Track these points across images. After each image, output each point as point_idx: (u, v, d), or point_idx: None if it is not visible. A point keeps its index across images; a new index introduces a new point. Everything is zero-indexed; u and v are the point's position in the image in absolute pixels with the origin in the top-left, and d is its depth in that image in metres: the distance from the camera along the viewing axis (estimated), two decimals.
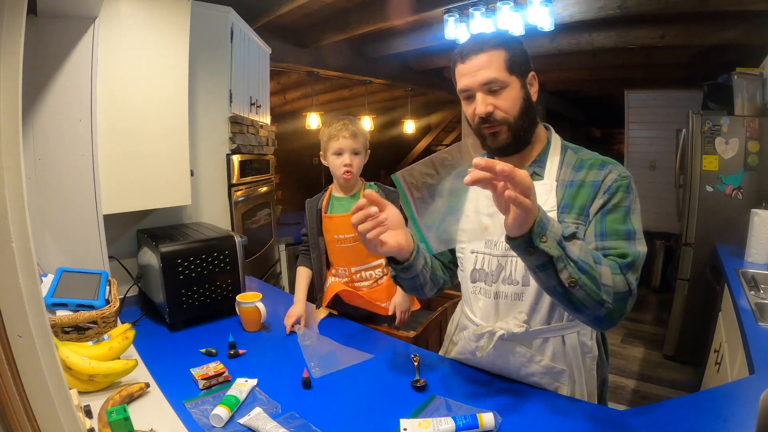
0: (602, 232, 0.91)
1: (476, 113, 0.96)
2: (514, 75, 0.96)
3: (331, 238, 1.60)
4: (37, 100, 1.42)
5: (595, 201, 0.94)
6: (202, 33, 1.98)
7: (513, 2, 2.42)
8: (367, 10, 2.91)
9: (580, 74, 4.42)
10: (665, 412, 0.93)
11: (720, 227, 2.68)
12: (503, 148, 0.99)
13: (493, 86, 0.94)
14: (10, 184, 0.54)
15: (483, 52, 0.95)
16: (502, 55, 0.95)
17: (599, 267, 0.81)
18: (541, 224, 0.75)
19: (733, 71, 2.66)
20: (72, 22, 1.43)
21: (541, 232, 0.75)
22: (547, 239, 0.75)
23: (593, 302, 0.80)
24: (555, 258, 0.76)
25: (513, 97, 0.96)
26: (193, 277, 1.49)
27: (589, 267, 0.79)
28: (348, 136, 1.53)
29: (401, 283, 1.07)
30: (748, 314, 1.52)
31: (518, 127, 0.97)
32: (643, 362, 2.98)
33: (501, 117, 0.96)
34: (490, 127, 0.97)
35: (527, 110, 0.98)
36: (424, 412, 0.96)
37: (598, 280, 0.80)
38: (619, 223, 0.91)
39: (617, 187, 0.93)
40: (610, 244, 0.90)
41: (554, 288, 0.80)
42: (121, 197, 1.61)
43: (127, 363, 1.09)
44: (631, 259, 0.86)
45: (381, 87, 4.98)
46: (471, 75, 0.95)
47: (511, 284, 1.01)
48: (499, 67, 0.94)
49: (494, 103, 0.95)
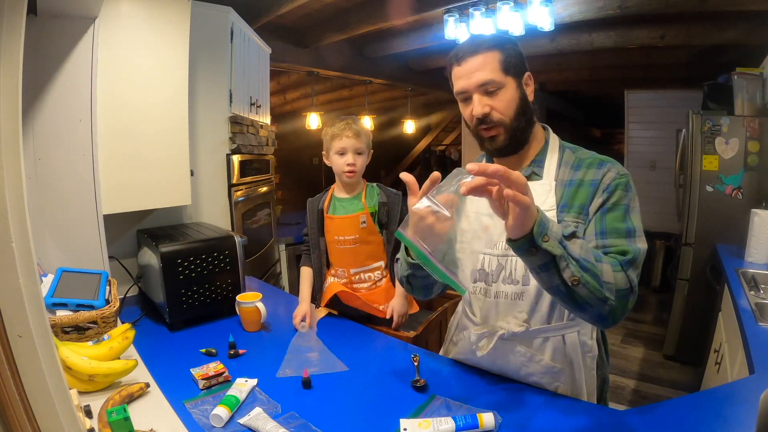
0: (602, 230, 0.92)
1: (473, 114, 0.97)
2: (510, 76, 0.96)
3: (331, 239, 1.60)
4: (37, 100, 1.42)
5: (594, 199, 0.94)
6: (202, 33, 1.97)
7: (513, 2, 2.42)
8: (367, 10, 2.91)
9: (580, 74, 4.42)
10: (665, 412, 0.93)
11: (720, 227, 2.68)
12: (501, 149, 1.00)
13: (489, 87, 0.95)
14: (10, 184, 0.54)
15: (478, 54, 0.95)
16: (497, 56, 0.95)
17: (600, 265, 0.81)
18: (541, 224, 0.75)
19: (733, 71, 2.66)
20: (72, 22, 1.43)
21: (542, 231, 0.75)
22: (549, 238, 0.75)
23: (596, 300, 0.80)
24: (557, 257, 0.76)
25: (509, 98, 0.96)
26: (193, 277, 1.49)
27: (590, 265, 0.79)
28: (351, 135, 1.53)
29: (413, 282, 1.04)
30: (748, 314, 1.52)
31: (515, 128, 0.98)
32: (643, 362, 2.98)
33: (498, 118, 0.96)
34: (488, 128, 0.98)
35: (524, 110, 0.98)
36: (424, 412, 0.96)
37: (600, 277, 0.80)
38: (618, 221, 0.91)
39: (616, 185, 0.93)
40: (610, 242, 0.90)
41: (557, 287, 0.80)
42: (121, 197, 1.61)
43: (127, 363, 1.09)
44: (632, 256, 0.87)
45: (381, 87, 4.98)
46: (467, 77, 0.96)
47: (511, 284, 1.01)
48: (495, 68, 0.95)
49: (491, 104, 0.96)
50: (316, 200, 1.66)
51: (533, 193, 0.99)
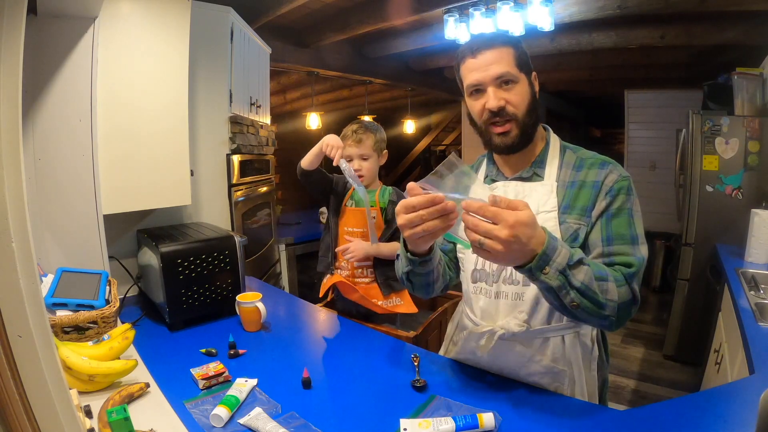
0: (608, 237, 0.93)
1: (487, 107, 0.96)
2: (523, 72, 0.98)
3: (342, 231, 1.63)
4: (37, 100, 1.42)
5: (597, 202, 0.95)
6: (202, 33, 1.97)
7: (513, 2, 2.42)
8: (367, 10, 2.91)
9: (580, 74, 4.42)
10: (665, 412, 0.93)
11: (720, 227, 2.68)
12: (512, 145, 0.99)
13: (505, 79, 0.95)
14: (10, 184, 0.54)
15: (494, 48, 0.96)
16: (511, 51, 0.97)
17: (604, 284, 0.83)
18: (543, 258, 0.76)
19: (733, 71, 2.66)
20: (72, 22, 1.43)
21: (542, 265, 0.77)
22: (549, 270, 0.77)
23: (596, 317, 0.84)
24: (556, 287, 0.79)
25: (523, 93, 0.97)
26: (193, 277, 1.49)
27: (592, 291, 0.81)
28: (352, 143, 1.61)
29: (414, 280, 1.04)
30: (748, 314, 1.52)
31: (526, 124, 0.98)
32: (643, 362, 2.98)
33: (512, 111, 0.97)
34: (501, 122, 0.97)
35: (534, 107, 0.99)
36: (424, 412, 0.96)
37: (601, 300, 0.82)
38: (623, 227, 0.93)
39: (619, 189, 0.94)
40: (616, 249, 0.92)
41: (557, 307, 0.84)
42: (121, 197, 1.61)
43: (127, 363, 1.09)
44: (636, 268, 0.90)
45: (381, 87, 4.97)
46: (483, 69, 0.96)
47: (512, 284, 1.01)
48: (510, 62, 0.96)
49: (506, 98, 0.96)
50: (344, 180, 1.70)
51: (535, 194, 0.99)
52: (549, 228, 0.94)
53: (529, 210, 0.74)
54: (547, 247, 0.76)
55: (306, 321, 1.61)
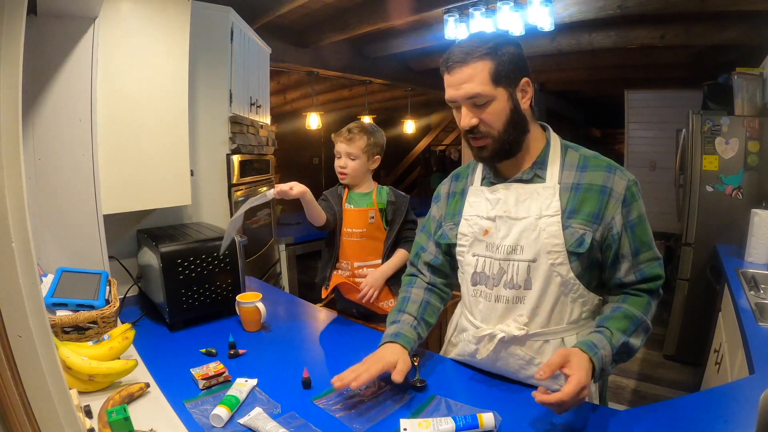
0: (636, 250, 0.97)
1: (461, 126, 0.97)
2: (501, 87, 0.93)
3: (343, 230, 1.64)
4: (37, 100, 1.42)
5: (613, 213, 0.96)
6: (202, 33, 1.97)
7: (513, 2, 2.42)
8: (367, 10, 2.91)
9: (580, 74, 4.43)
10: (665, 412, 0.93)
11: (720, 227, 2.68)
12: (488, 159, 1.01)
13: (477, 101, 0.93)
14: (10, 184, 0.54)
15: (467, 65, 0.92)
16: (487, 66, 0.92)
17: (639, 329, 0.96)
18: (598, 376, 0.89)
19: (733, 71, 2.66)
20: (72, 22, 1.43)
21: (599, 376, 0.90)
22: (606, 370, 0.91)
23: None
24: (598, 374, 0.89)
25: (498, 110, 0.94)
26: (193, 277, 1.49)
27: (635, 342, 0.95)
28: (343, 140, 1.61)
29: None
30: (748, 314, 1.52)
31: (504, 140, 0.97)
32: (643, 362, 2.98)
33: (485, 130, 0.96)
34: (475, 139, 0.98)
35: (515, 122, 0.96)
36: (424, 412, 0.96)
37: (642, 338, 0.97)
38: (645, 234, 0.98)
39: (632, 195, 0.96)
40: (643, 257, 0.98)
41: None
42: (121, 197, 1.61)
43: (127, 363, 1.09)
44: (663, 279, 1.00)
45: (381, 87, 4.98)
46: (455, 87, 0.94)
47: (512, 288, 1.00)
48: (484, 80, 0.92)
49: (480, 116, 0.95)
50: (334, 189, 1.70)
51: (536, 197, 0.99)
52: (552, 232, 0.94)
53: (579, 374, 0.82)
54: (596, 370, 0.87)
55: (306, 321, 1.61)
